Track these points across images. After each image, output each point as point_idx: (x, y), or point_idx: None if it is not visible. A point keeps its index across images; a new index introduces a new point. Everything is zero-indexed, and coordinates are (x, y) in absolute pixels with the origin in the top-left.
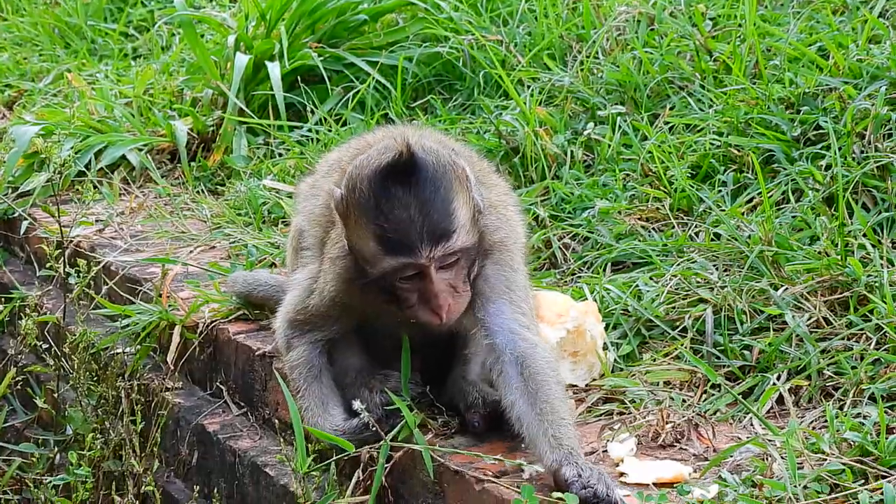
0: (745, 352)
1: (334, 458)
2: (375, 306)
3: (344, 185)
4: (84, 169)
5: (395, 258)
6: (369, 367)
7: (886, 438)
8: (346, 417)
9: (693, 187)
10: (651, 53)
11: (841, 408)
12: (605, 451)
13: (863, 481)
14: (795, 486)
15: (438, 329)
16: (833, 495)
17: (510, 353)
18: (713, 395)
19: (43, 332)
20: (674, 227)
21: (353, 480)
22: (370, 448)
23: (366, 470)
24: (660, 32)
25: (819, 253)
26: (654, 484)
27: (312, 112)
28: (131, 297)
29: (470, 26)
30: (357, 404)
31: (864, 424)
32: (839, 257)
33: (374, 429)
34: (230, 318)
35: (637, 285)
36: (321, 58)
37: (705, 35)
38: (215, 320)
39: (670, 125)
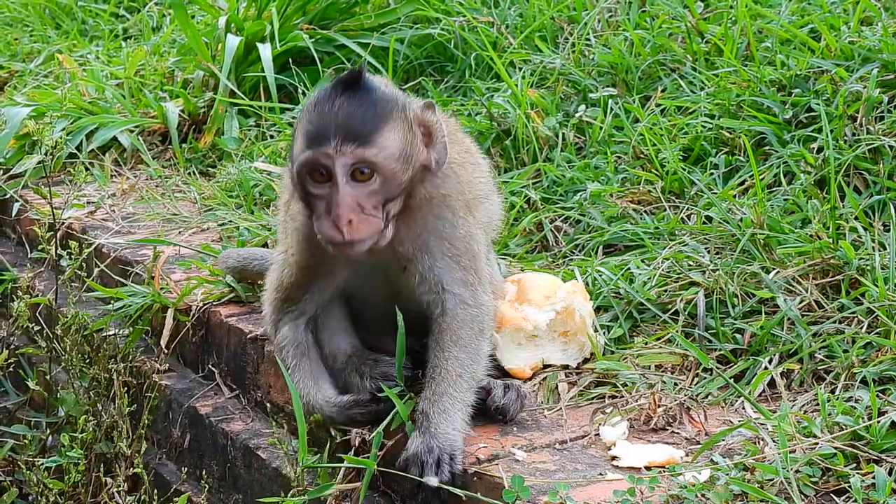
0: (737, 335)
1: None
2: (337, 264)
3: None
4: (75, 151)
5: (308, 150)
6: (359, 351)
7: (878, 422)
8: (338, 393)
9: (685, 170)
10: (643, 35)
11: (833, 391)
12: (598, 434)
13: (854, 465)
14: (787, 470)
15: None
16: (825, 479)
17: (434, 307)
18: (705, 378)
19: (35, 314)
20: (665, 209)
21: (345, 465)
22: (359, 433)
23: (358, 455)
24: (651, 14)
25: (811, 236)
26: (645, 467)
27: (304, 94)
28: (123, 280)
29: (461, 7)
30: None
31: (855, 408)
32: (831, 240)
33: (365, 408)
34: (222, 300)
35: (629, 268)
36: (312, 39)
37: (697, 17)
38: (208, 303)
39: (662, 107)
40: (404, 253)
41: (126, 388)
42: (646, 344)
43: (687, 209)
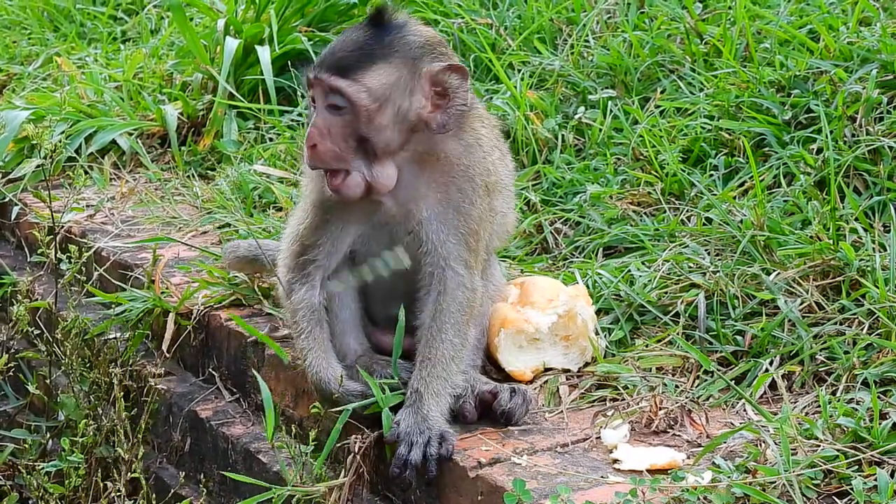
0: (738, 337)
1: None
2: (350, 214)
3: None
4: (74, 154)
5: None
6: (369, 352)
7: (879, 424)
8: (346, 374)
9: (684, 171)
10: (641, 36)
11: (834, 393)
12: (599, 437)
13: (856, 467)
14: (789, 473)
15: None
16: (827, 481)
17: (436, 282)
18: (706, 380)
19: (35, 318)
20: (665, 211)
21: (349, 465)
22: (357, 438)
23: (365, 458)
24: (650, 15)
25: (811, 237)
26: (647, 470)
27: (303, 96)
28: (122, 284)
29: (459, 9)
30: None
31: (857, 410)
32: (831, 242)
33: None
34: (223, 303)
35: (629, 270)
36: (311, 42)
37: (695, 18)
38: (209, 307)
39: (661, 109)
40: (416, 213)
41: (126, 392)
42: (646, 346)
43: (687, 211)
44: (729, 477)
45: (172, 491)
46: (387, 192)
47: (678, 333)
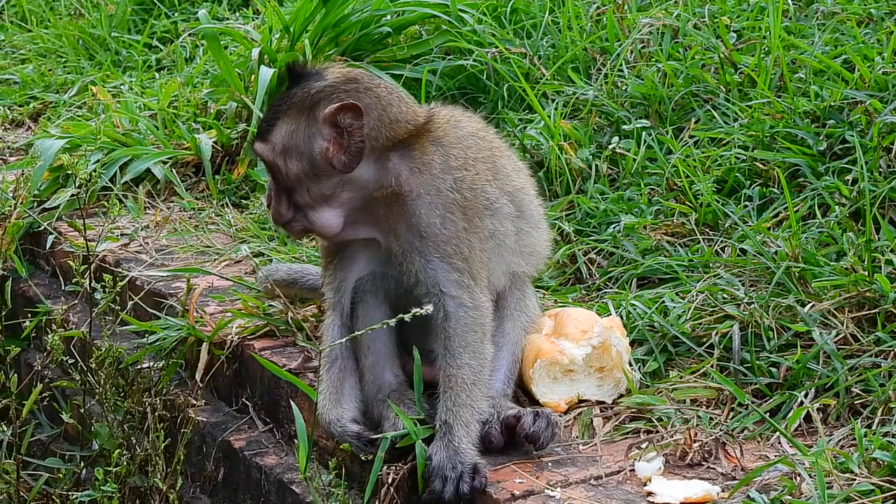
0: (773, 369)
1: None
2: (353, 250)
3: None
4: (109, 183)
5: None
6: (402, 386)
7: None
8: (354, 417)
9: (719, 202)
10: (675, 66)
11: (869, 426)
12: (633, 470)
13: (892, 501)
14: None
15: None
16: None
17: (442, 310)
18: (740, 412)
19: (69, 347)
20: (699, 242)
21: (382, 497)
22: (389, 470)
23: (399, 490)
24: (684, 45)
25: (846, 269)
26: None
27: None
28: (157, 313)
29: (493, 39)
30: None
31: (892, 444)
32: (866, 273)
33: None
34: (257, 334)
35: (663, 301)
36: None
37: (730, 48)
38: (243, 337)
39: (695, 139)
40: (395, 245)
41: (160, 422)
42: (681, 378)
43: (721, 241)
44: None
45: None
46: (334, 233)
47: (712, 365)
